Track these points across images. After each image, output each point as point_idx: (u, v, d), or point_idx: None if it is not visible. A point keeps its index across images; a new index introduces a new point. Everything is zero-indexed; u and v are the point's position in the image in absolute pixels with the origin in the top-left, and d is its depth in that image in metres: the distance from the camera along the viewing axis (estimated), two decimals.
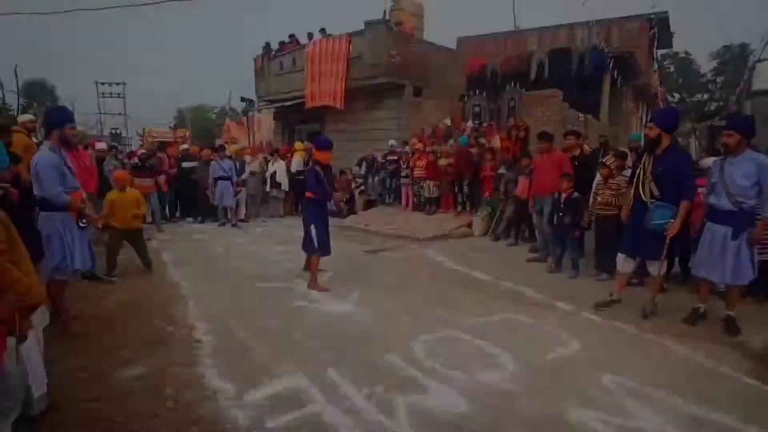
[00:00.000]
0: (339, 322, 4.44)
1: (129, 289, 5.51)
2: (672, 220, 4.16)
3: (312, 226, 5.53)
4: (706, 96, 39.99)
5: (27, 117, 6.74)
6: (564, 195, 5.98)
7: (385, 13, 14.01)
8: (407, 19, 14.53)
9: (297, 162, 11.96)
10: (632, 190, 4.48)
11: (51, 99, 40.73)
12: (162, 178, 10.08)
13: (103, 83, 36.51)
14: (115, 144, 16.84)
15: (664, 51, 33.29)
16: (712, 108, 37.07)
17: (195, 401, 2.99)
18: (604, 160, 6.08)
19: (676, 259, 5.61)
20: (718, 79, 39.28)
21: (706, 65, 39.76)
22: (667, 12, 20.41)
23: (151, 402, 2.98)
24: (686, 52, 39.98)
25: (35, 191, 4.00)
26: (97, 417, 2.82)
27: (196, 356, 3.66)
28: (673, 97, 40.10)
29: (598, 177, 6.02)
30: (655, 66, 16.18)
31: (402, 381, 3.23)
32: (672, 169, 4.21)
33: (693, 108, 37.02)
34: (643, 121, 21.82)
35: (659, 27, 20.21)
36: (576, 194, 5.99)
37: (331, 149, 5.73)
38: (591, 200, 6.03)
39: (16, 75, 24.59)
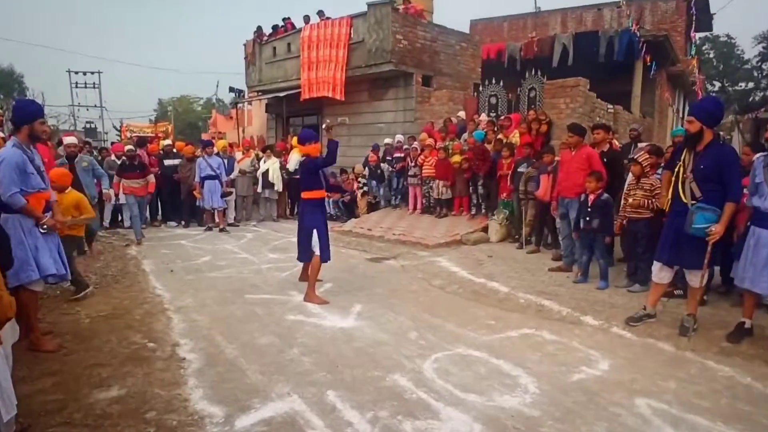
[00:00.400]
0: (339, 339, 4.44)
1: (106, 301, 5.53)
2: (715, 225, 4.10)
3: (314, 230, 5.58)
4: (750, 84, 39.81)
5: None
6: (592, 196, 5.96)
7: None
8: (415, 0, 14.58)
9: (294, 160, 11.97)
10: (670, 191, 4.44)
11: (19, 89, 41.12)
12: (151, 178, 10.10)
13: (76, 72, 36.81)
14: (89, 140, 16.97)
15: (702, 34, 33.25)
16: (757, 98, 36.91)
17: (179, 426, 3.00)
18: (636, 157, 6.04)
19: (717, 268, 5.56)
20: (764, 66, 39.10)
21: (750, 50, 39.61)
22: None
23: (131, 427, 2.99)
24: (728, 36, 39.88)
25: None
26: None
27: (180, 376, 3.67)
28: (713, 85, 40.00)
29: (629, 176, 5.99)
30: (693, 51, 16.10)
31: (410, 405, 3.22)
32: (715, 168, 4.15)
33: (736, 98, 36.86)
34: (680, 113, 21.78)
35: (697, 7, 20.18)
36: (605, 195, 5.97)
37: (317, 141, 5.89)
38: (621, 202, 6.01)
39: None
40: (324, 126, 4.98)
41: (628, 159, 6.37)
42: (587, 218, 5.95)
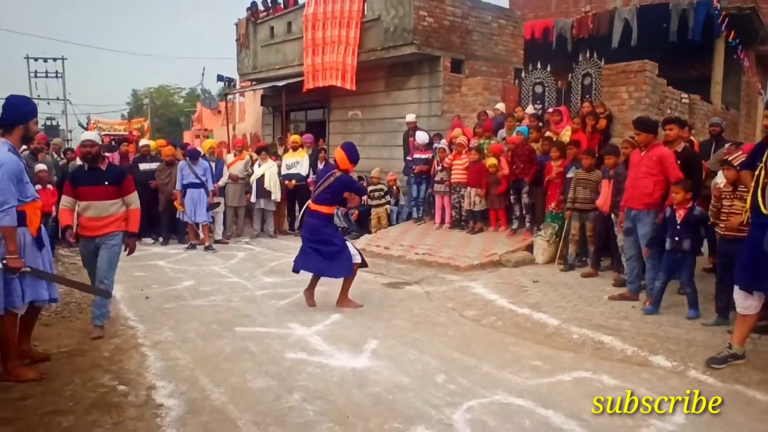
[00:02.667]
0: (350, 382, 4.43)
1: (70, 334, 5.62)
2: None
3: (347, 242, 6.73)
4: None
5: None
6: (681, 211, 5.88)
7: None
8: None
9: (290, 161, 12.13)
10: (749, 199, 4.43)
11: None
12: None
13: (36, 59, 37.60)
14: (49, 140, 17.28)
15: None
16: None
17: None
18: (730, 158, 5.93)
19: None
20: None
21: None
22: None
23: None
24: None
25: None
26: None
27: (156, 427, 3.70)
28: None
29: (721, 182, 5.91)
30: None
31: None
32: None
33: None
34: None
35: None
36: (699, 209, 5.90)
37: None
38: (710, 215, 5.95)
39: None
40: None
41: (721, 161, 6.26)
42: (676, 237, 5.88)
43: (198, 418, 3.81)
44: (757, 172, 4.37)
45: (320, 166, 12.30)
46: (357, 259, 6.52)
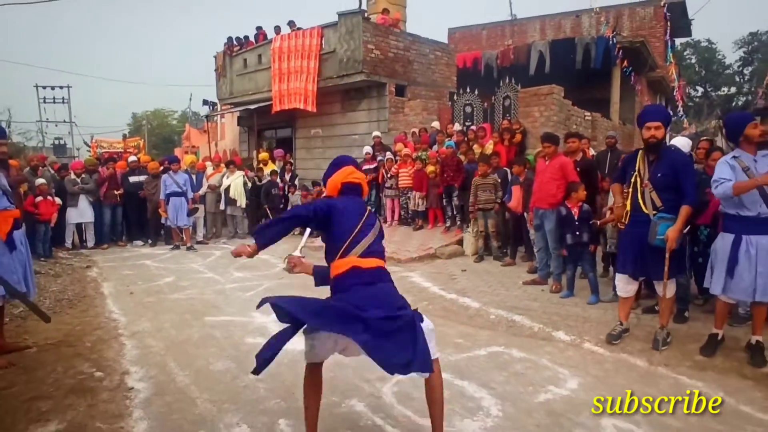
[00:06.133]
0: (299, 362, 4.26)
1: (58, 327, 5.35)
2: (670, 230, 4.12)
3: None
4: (732, 89, 40.66)
5: None
6: (575, 209, 5.93)
7: (360, 2, 14.13)
8: (389, 9, 14.66)
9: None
10: (628, 201, 4.46)
11: None
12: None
13: (44, 87, 36.34)
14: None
15: (683, 40, 33.95)
16: (740, 103, 37.71)
17: None
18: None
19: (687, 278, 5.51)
20: (745, 70, 40.01)
21: (731, 55, 40.56)
22: None
23: None
24: (708, 41, 40.78)
25: None
26: None
27: (125, 408, 3.54)
28: (696, 90, 40.79)
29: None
30: (669, 56, 16.42)
31: None
32: (672, 175, 4.20)
33: (719, 103, 37.64)
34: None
35: (675, 13, 20.61)
36: (586, 206, 6.00)
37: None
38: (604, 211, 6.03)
39: None
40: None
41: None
42: (576, 232, 5.92)
43: (162, 399, 3.68)
44: (633, 180, 4.41)
45: (287, 176, 12.15)
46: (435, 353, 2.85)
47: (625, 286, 4.59)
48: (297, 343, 4.78)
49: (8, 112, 39.14)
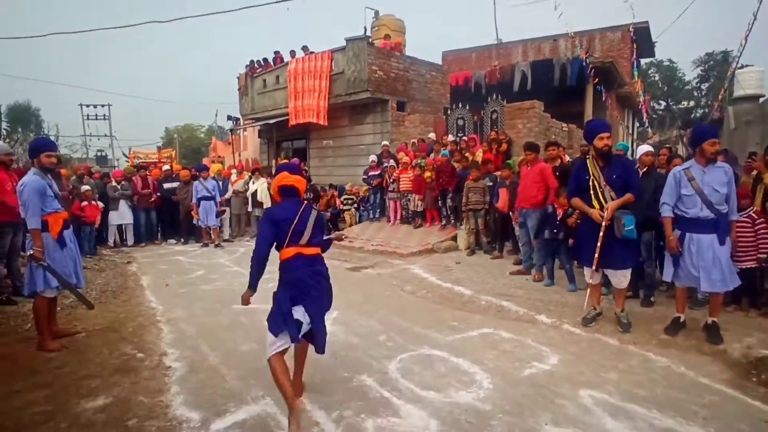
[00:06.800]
0: None
1: (104, 315, 5.38)
2: (632, 227, 4.21)
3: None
4: (692, 103, 40.56)
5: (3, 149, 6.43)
6: (560, 210, 5.87)
7: (365, 29, 14.15)
8: (390, 35, 14.67)
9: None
10: (596, 203, 4.42)
11: (36, 123, 40.61)
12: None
13: (87, 105, 36.45)
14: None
15: (648, 60, 33.86)
16: (698, 115, 37.63)
17: None
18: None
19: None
20: (702, 86, 39.90)
21: (690, 73, 40.46)
22: (647, 22, 20.81)
23: None
24: (670, 60, 40.69)
25: (21, 212, 4.19)
26: None
27: (163, 384, 3.57)
28: (659, 104, 40.67)
29: None
30: (635, 74, 16.39)
31: (373, 403, 3.16)
32: (625, 175, 4.37)
33: (679, 115, 37.54)
34: (629, 130, 22.09)
35: (641, 36, 20.57)
36: (570, 210, 5.91)
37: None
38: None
39: None
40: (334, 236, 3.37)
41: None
42: (554, 230, 5.90)
43: (196, 376, 3.70)
44: (591, 183, 4.43)
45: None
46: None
47: (592, 275, 4.60)
48: None
49: (56, 127, 39.38)
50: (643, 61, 30.57)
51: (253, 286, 3.15)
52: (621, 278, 4.46)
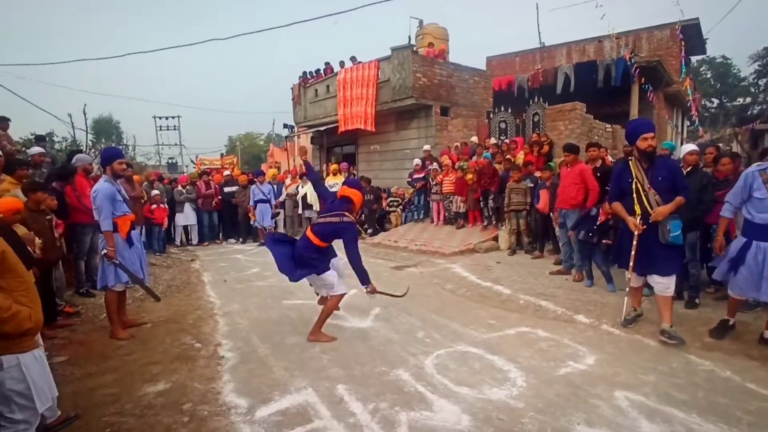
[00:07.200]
0: (356, 338, 4.39)
1: (167, 308, 5.66)
2: (679, 232, 3.89)
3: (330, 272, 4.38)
4: (748, 99, 37.81)
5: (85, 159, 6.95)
6: (602, 216, 5.58)
7: (409, 38, 14.12)
8: (434, 43, 14.59)
9: (331, 183, 12.10)
10: (637, 208, 4.04)
11: (116, 134, 43.24)
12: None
13: (160, 117, 38.42)
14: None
15: (699, 57, 31.82)
16: (755, 111, 34.99)
17: (209, 416, 3.02)
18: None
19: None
20: (760, 82, 37.09)
21: (746, 69, 37.74)
22: (697, 18, 19.58)
23: (169, 416, 3.03)
24: (723, 57, 38.10)
25: (95, 216, 4.47)
26: (117, 430, 2.89)
27: (216, 372, 3.70)
28: (712, 102, 38.20)
29: None
30: (684, 73, 15.44)
31: (407, 397, 3.14)
32: (671, 177, 3.97)
33: (734, 112, 35.09)
34: (678, 129, 20.85)
35: (691, 33, 19.38)
36: (612, 221, 5.54)
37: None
38: None
39: (84, 114, 26.29)
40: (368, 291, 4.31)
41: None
42: (590, 233, 5.61)
43: (246, 366, 3.81)
44: (634, 186, 4.06)
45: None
46: (341, 290, 4.36)
47: (635, 280, 4.31)
48: (360, 321, 4.88)
49: (134, 138, 41.69)
50: (694, 58, 28.79)
51: (368, 280, 4.24)
52: (665, 285, 4.01)
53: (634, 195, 4.06)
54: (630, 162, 4.19)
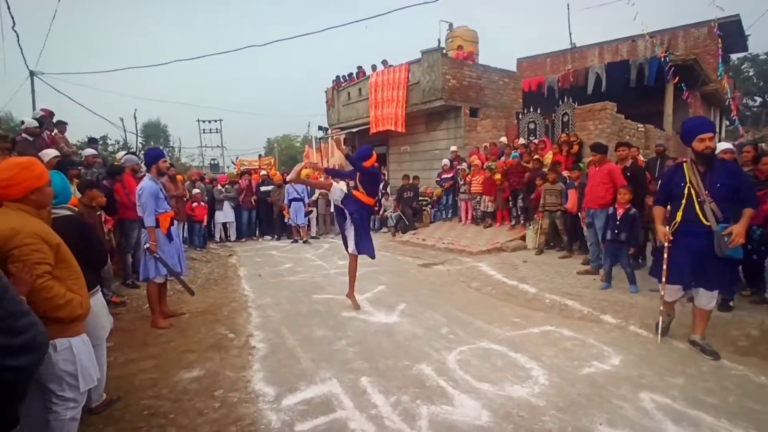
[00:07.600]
0: (381, 333, 4.38)
1: (204, 300, 5.82)
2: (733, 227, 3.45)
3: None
4: None
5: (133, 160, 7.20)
6: (621, 210, 5.44)
7: (439, 41, 14.01)
8: (463, 45, 14.42)
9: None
10: (679, 214, 3.64)
11: (164, 137, 44.82)
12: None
13: (203, 121, 39.60)
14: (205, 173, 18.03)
15: (741, 54, 30.24)
16: None
17: (238, 403, 3.08)
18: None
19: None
20: None
21: None
22: (738, 15, 18.60)
23: (202, 401, 3.11)
24: (767, 54, 36.01)
25: (139, 212, 4.64)
26: (154, 413, 2.99)
27: (247, 361, 3.78)
28: (754, 101, 36.23)
29: None
30: (721, 71, 14.69)
31: (429, 391, 3.11)
32: (731, 184, 3.49)
33: None
34: (716, 128, 19.87)
35: (731, 30, 18.45)
36: (633, 210, 5.42)
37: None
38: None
39: (135, 118, 27.36)
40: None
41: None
42: (615, 231, 5.44)
43: (275, 356, 3.87)
44: (686, 192, 3.59)
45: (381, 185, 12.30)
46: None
47: (675, 293, 3.89)
48: (386, 316, 4.87)
49: (179, 140, 43.06)
50: (734, 56, 27.38)
51: None
52: (710, 299, 3.65)
53: (684, 201, 3.61)
54: (685, 164, 3.72)
